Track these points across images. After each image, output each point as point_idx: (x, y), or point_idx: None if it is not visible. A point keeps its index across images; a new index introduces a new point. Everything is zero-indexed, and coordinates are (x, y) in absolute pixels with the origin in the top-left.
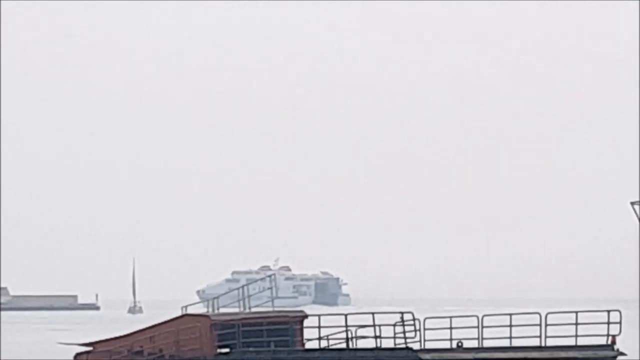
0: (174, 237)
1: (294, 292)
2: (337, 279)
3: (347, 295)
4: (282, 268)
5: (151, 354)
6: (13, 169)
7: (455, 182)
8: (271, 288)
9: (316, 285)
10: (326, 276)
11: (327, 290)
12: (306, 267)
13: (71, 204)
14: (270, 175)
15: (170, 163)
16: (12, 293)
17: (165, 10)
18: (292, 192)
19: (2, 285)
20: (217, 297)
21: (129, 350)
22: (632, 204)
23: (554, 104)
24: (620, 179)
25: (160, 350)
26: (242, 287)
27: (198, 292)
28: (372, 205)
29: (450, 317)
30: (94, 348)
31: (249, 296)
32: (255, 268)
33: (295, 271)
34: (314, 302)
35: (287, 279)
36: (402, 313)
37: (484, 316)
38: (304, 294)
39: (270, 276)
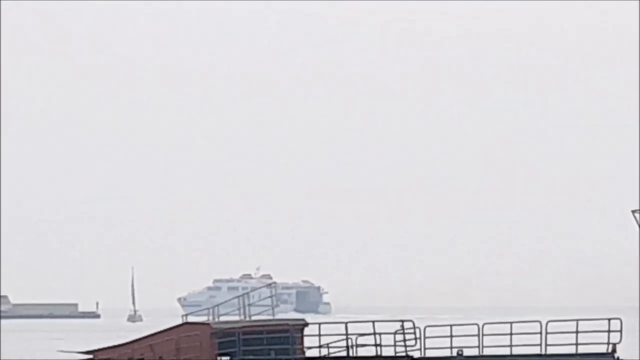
0: (162, 244)
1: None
2: (318, 287)
3: (328, 303)
4: (263, 276)
5: None
6: (12, 178)
7: (455, 189)
8: (272, 297)
9: (297, 293)
10: (307, 284)
11: (308, 298)
12: (287, 275)
13: (71, 212)
14: (251, 183)
15: (162, 170)
16: (12, 301)
17: (165, 10)
18: (274, 200)
19: (3, 294)
20: (217, 305)
21: (129, 359)
22: (634, 212)
23: (555, 113)
24: (622, 187)
25: (161, 359)
26: (243, 295)
27: (179, 299)
28: (365, 213)
29: (451, 326)
30: (95, 356)
31: (249, 305)
32: (237, 276)
33: (276, 279)
34: (295, 311)
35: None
36: (402, 321)
37: (484, 324)
38: (285, 302)
39: (270, 284)
